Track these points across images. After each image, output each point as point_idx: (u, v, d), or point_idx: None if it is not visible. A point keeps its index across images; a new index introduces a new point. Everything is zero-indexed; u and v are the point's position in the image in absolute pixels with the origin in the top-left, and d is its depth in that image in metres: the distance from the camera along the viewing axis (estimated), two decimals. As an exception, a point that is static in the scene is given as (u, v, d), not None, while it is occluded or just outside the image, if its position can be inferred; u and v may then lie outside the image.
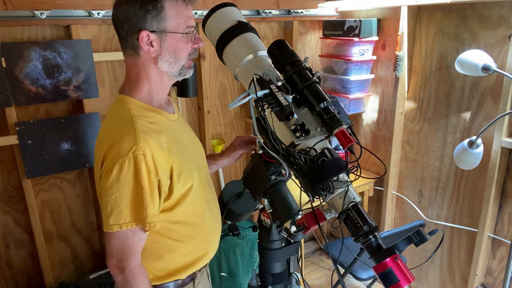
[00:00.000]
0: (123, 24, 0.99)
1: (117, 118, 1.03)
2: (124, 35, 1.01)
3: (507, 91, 1.73)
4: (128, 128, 0.97)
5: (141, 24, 0.98)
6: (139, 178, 0.95)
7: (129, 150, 0.94)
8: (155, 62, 1.03)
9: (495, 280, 2.02)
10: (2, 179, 1.81)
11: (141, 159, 0.94)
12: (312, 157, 0.93)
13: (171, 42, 1.01)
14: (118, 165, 0.94)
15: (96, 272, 1.98)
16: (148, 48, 1.00)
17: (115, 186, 0.95)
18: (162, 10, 0.98)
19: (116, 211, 0.96)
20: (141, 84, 1.05)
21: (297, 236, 1.04)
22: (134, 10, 0.97)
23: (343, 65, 2.37)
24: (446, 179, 2.14)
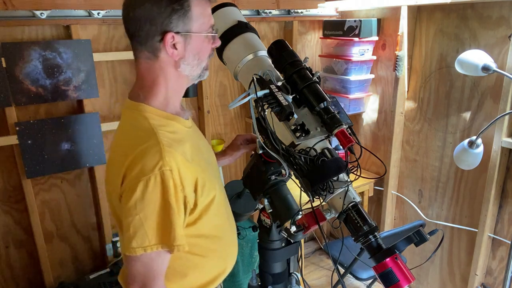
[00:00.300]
0: (143, 24, 0.89)
1: (136, 129, 0.94)
2: (143, 37, 0.91)
3: (507, 91, 1.73)
4: (150, 140, 0.89)
5: (166, 25, 0.89)
6: (166, 196, 0.87)
7: (154, 165, 0.86)
8: (176, 66, 0.95)
9: (495, 280, 2.02)
10: (2, 179, 1.81)
11: (168, 175, 0.87)
12: (312, 157, 0.93)
13: (196, 43, 0.94)
14: (143, 183, 0.85)
15: (96, 272, 1.98)
16: (172, 51, 0.91)
17: (139, 206, 0.86)
18: (189, 9, 0.90)
19: (140, 232, 0.87)
20: (158, 89, 0.96)
21: (297, 236, 1.04)
22: (159, 10, 0.87)
23: (343, 65, 2.37)
24: (446, 179, 2.14)
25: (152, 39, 0.91)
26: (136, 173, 0.86)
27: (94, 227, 2.10)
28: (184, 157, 0.91)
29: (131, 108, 0.97)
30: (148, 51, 0.93)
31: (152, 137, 0.89)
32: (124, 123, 0.99)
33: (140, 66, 0.97)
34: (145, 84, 0.97)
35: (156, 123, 0.93)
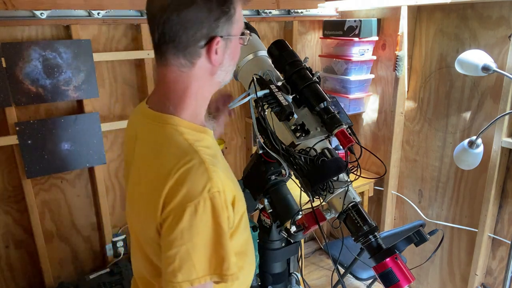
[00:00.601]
0: (188, 28, 0.79)
1: (170, 145, 0.83)
2: (185, 42, 0.80)
3: (507, 91, 1.73)
4: (193, 159, 0.79)
5: (213, 28, 0.80)
6: (218, 220, 0.78)
7: (203, 188, 0.76)
8: (212, 73, 0.86)
9: (495, 280, 2.02)
10: (2, 179, 1.81)
11: (217, 197, 0.78)
12: (312, 157, 0.93)
13: (233, 47, 0.87)
14: (191, 209, 0.75)
15: (96, 272, 1.98)
16: (214, 57, 0.83)
17: (187, 235, 0.76)
18: (234, 12, 0.83)
19: (188, 264, 0.77)
20: (189, 100, 0.86)
21: (297, 236, 1.04)
22: (208, 12, 0.79)
23: (343, 65, 2.37)
24: (446, 179, 2.14)
25: (195, 44, 0.81)
26: (181, 198, 0.76)
27: (94, 227, 2.10)
28: (225, 175, 0.83)
29: (159, 121, 0.86)
30: (185, 58, 0.82)
31: (193, 155, 0.80)
32: (151, 138, 0.87)
33: (169, 74, 0.85)
34: (173, 94, 0.86)
35: (191, 138, 0.83)
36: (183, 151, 0.81)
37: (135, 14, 1.88)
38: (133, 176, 0.91)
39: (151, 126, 0.87)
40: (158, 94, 0.89)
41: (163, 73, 0.86)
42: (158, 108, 0.87)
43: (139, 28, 1.92)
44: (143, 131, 0.90)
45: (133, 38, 1.97)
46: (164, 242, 0.79)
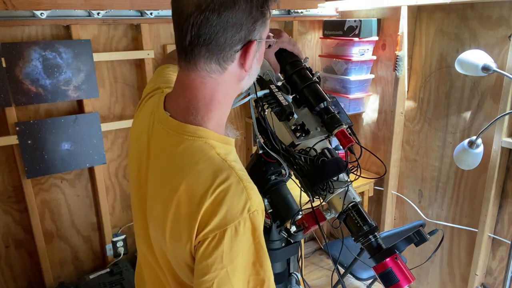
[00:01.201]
0: (228, 30, 0.72)
1: (204, 162, 0.76)
2: (222, 45, 0.73)
3: (507, 91, 1.73)
4: (230, 177, 0.74)
5: (251, 31, 0.74)
6: (258, 240, 0.74)
7: (243, 208, 0.72)
8: (240, 78, 0.80)
9: (495, 280, 2.02)
10: (2, 179, 1.81)
11: (257, 216, 0.74)
12: (312, 157, 0.93)
13: (261, 51, 0.81)
14: (231, 230, 0.71)
15: (96, 272, 1.98)
16: (247, 63, 0.76)
17: (227, 258, 0.71)
18: (270, 15, 0.78)
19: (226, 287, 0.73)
20: (215, 109, 0.79)
21: (297, 236, 1.04)
22: (249, 14, 0.73)
23: (343, 65, 2.37)
24: (446, 179, 2.14)
25: (231, 48, 0.74)
26: (220, 220, 0.71)
27: (94, 227, 2.10)
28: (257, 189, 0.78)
29: (186, 134, 0.78)
30: (217, 63, 0.75)
31: (229, 172, 0.74)
32: (177, 153, 0.79)
33: (198, 80, 0.77)
34: (200, 101, 0.78)
35: (223, 152, 0.77)
36: (218, 168, 0.75)
37: (135, 14, 1.88)
38: (152, 193, 0.84)
39: (175, 138, 0.79)
40: (182, 102, 0.80)
41: (190, 78, 0.77)
42: (182, 117, 0.79)
43: (139, 28, 1.92)
44: (162, 142, 0.82)
45: (133, 38, 1.97)
46: (200, 265, 0.73)
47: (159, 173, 0.83)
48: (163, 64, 1.14)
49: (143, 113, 0.93)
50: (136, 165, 0.91)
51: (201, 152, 0.76)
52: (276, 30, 1.02)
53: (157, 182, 0.83)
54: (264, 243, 0.75)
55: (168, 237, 0.79)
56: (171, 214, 0.77)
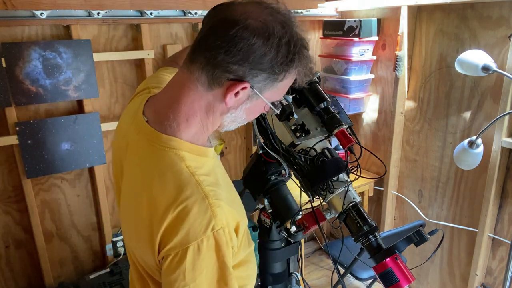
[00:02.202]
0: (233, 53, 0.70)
1: (169, 173, 0.75)
2: (218, 62, 0.71)
3: (507, 91, 1.73)
4: (194, 193, 0.73)
5: (251, 74, 0.72)
6: (222, 259, 0.73)
7: (206, 226, 0.71)
8: (222, 112, 0.78)
9: (495, 280, 2.02)
10: (2, 179, 1.80)
11: (222, 234, 0.72)
12: (312, 157, 0.93)
13: (255, 106, 0.79)
14: (193, 248, 0.70)
15: (96, 272, 1.98)
16: (230, 97, 0.74)
17: (189, 275, 0.71)
18: (281, 80, 0.76)
19: None
20: (193, 122, 0.78)
21: (297, 236, 1.04)
22: (261, 58, 0.70)
23: (343, 65, 2.37)
24: (446, 179, 2.14)
25: (224, 71, 0.72)
26: (182, 238, 0.70)
27: (94, 227, 2.10)
28: (227, 204, 0.76)
29: (158, 143, 0.78)
30: (207, 77, 0.74)
31: (195, 188, 0.73)
32: (146, 161, 0.78)
33: (187, 83, 0.76)
34: (181, 109, 0.77)
35: (193, 165, 0.76)
36: (184, 183, 0.74)
37: (135, 14, 1.88)
38: (125, 195, 0.85)
39: (147, 146, 0.79)
40: (164, 101, 0.80)
41: (182, 77, 0.77)
42: (157, 122, 0.79)
43: (139, 28, 1.92)
44: (136, 148, 0.82)
45: (133, 38, 1.97)
46: (165, 280, 0.74)
47: (130, 178, 0.83)
48: (163, 66, 1.14)
49: (127, 112, 0.94)
50: (118, 165, 0.91)
51: (170, 163, 0.76)
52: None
53: (128, 187, 0.84)
54: (229, 261, 0.74)
55: (134, 243, 0.81)
56: (136, 223, 0.78)
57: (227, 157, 2.47)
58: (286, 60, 0.73)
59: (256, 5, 0.73)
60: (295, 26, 0.76)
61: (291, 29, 0.74)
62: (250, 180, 1.20)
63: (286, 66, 0.74)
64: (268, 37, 0.70)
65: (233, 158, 2.51)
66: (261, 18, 0.71)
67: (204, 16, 0.78)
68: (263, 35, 0.70)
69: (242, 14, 0.70)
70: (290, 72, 0.76)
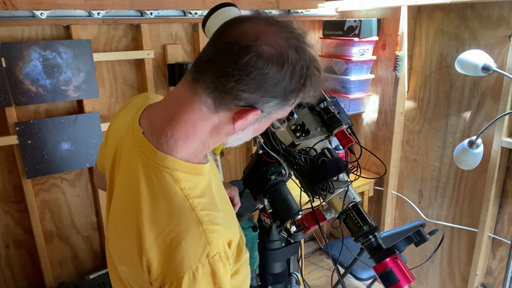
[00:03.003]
0: (245, 82, 0.66)
1: (162, 195, 0.73)
2: (228, 89, 0.68)
3: (507, 91, 1.73)
4: (187, 219, 0.70)
5: (263, 102, 0.70)
6: (218, 285, 0.71)
7: (201, 254, 0.69)
8: (228, 133, 0.76)
9: (495, 280, 2.02)
10: (2, 179, 1.80)
11: (218, 260, 0.70)
12: (312, 157, 0.93)
13: (262, 126, 0.78)
14: (188, 277, 0.68)
15: (96, 272, 1.98)
16: (238, 122, 0.72)
17: None
18: (292, 103, 0.75)
19: None
20: (193, 141, 0.75)
21: (297, 236, 1.04)
22: (274, 86, 0.68)
23: (343, 65, 2.37)
24: (446, 179, 2.14)
25: (234, 98, 0.69)
26: (176, 267, 0.68)
27: (94, 227, 2.10)
28: (223, 226, 0.74)
29: (151, 158, 0.74)
30: (213, 101, 0.70)
31: (188, 213, 0.71)
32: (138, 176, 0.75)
33: (188, 102, 0.72)
34: (180, 127, 0.73)
35: (187, 186, 0.73)
36: (177, 208, 0.71)
37: (135, 14, 1.88)
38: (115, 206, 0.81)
39: (140, 161, 0.75)
40: (161, 115, 0.76)
41: (184, 95, 0.73)
42: (154, 137, 0.75)
43: (139, 28, 1.92)
44: (130, 159, 0.78)
45: (133, 38, 1.97)
46: None
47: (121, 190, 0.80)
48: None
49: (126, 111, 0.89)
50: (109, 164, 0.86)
51: (163, 185, 0.73)
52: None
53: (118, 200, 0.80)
54: (226, 284, 0.72)
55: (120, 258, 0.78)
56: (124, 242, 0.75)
57: (227, 157, 2.47)
58: (298, 85, 0.70)
59: (268, 26, 0.69)
60: (309, 48, 0.72)
61: (304, 54, 0.70)
62: (250, 180, 1.20)
63: (298, 91, 0.72)
64: (283, 65, 0.67)
65: (233, 158, 2.51)
66: (274, 44, 0.67)
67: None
68: (277, 62, 0.66)
69: (255, 39, 0.66)
70: (299, 96, 0.74)
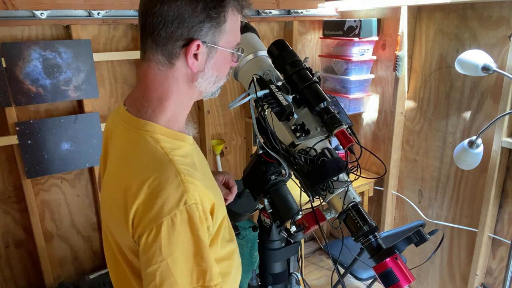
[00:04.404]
0: (169, 23, 0.76)
1: (144, 154, 0.79)
2: (164, 37, 0.77)
3: (507, 91, 1.73)
4: (167, 170, 0.76)
5: (196, 31, 0.77)
6: (197, 233, 0.75)
7: (178, 200, 0.73)
8: (191, 79, 0.83)
9: (495, 280, 2.02)
10: (2, 179, 1.81)
11: (194, 209, 0.75)
12: (312, 157, 0.93)
13: (219, 59, 0.83)
14: (167, 222, 0.72)
15: (96, 272, 1.98)
16: (192, 62, 0.79)
17: (166, 250, 0.73)
18: (224, 21, 0.80)
19: (169, 281, 0.73)
20: (167, 104, 0.83)
21: (297, 236, 1.04)
22: (192, 12, 0.76)
23: (343, 65, 2.37)
24: (446, 179, 2.14)
25: (173, 42, 0.78)
26: (156, 213, 0.72)
27: (94, 227, 2.10)
28: (203, 184, 0.79)
29: (134, 126, 0.83)
30: (163, 55, 0.80)
31: (168, 166, 0.77)
32: (125, 144, 0.84)
33: (149, 71, 0.82)
34: (152, 95, 0.83)
35: (168, 146, 0.80)
36: (158, 160, 0.77)
37: (135, 14, 1.88)
38: (106, 180, 0.88)
39: (125, 131, 0.84)
40: (137, 93, 0.86)
41: (144, 70, 0.83)
42: (135, 110, 0.84)
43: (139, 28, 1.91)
44: (117, 135, 0.87)
45: (133, 38, 1.97)
46: (142, 258, 0.75)
47: (111, 161, 0.88)
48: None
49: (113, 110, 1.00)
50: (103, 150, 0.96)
51: (145, 145, 0.80)
52: None
53: (109, 170, 0.88)
54: (204, 237, 0.76)
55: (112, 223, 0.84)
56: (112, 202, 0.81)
57: (227, 157, 2.47)
58: (215, 0, 0.77)
59: None
60: None
61: None
62: (250, 180, 1.20)
63: (219, 6, 0.78)
64: None
65: (233, 158, 2.51)
66: None
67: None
68: None
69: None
70: (227, 10, 0.79)
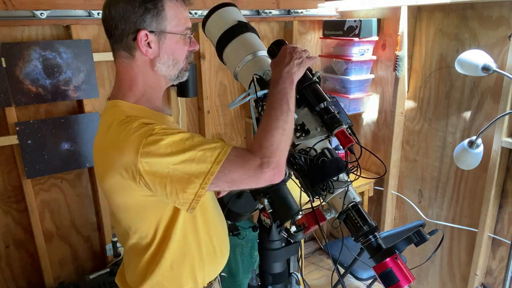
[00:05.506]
0: (118, 23, 0.92)
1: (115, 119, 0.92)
2: (118, 35, 0.93)
3: (507, 91, 1.73)
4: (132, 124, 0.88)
5: (140, 23, 0.91)
6: (179, 132, 0.88)
7: (151, 127, 0.86)
8: (152, 65, 0.96)
9: (495, 280, 2.02)
10: (2, 179, 1.81)
11: (167, 128, 0.88)
12: (312, 157, 0.93)
13: (170, 43, 0.96)
14: (154, 138, 0.84)
15: (96, 272, 1.98)
16: (146, 49, 0.93)
17: (174, 149, 0.84)
18: (163, 9, 0.92)
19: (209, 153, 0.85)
20: (135, 87, 0.97)
21: (297, 236, 1.04)
22: (133, 9, 0.90)
23: (343, 65, 2.37)
24: (446, 179, 2.14)
25: (126, 37, 0.93)
26: (139, 137, 0.85)
27: (94, 227, 2.10)
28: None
29: (110, 107, 0.97)
30: (124, 50, 0.95)
31: (133, 121, 0.89)
32: (101, 125, 0.98)
33: (119, 66, 0.98)
34: (123, 83, 0.98)
35: (134, 113, 0.93)
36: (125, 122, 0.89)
37: (135, 14, 1.88)
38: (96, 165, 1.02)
39: (104, 112, 1.00)
40: (114, 87, 1.01)
41: (116, 67, 0.99)
42: (111, 98, 0.99)
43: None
44: (101, 119, 1.02)
45: (133, 38, 1.96)
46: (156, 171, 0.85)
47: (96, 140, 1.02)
48: None
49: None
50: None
51: (113, 115, 0.94)
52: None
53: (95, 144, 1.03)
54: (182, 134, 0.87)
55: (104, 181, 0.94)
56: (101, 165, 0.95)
57: (227, 157, 2.46)
58: None
59: None
60: None
61: None
62: (250, 180, 1.19)
63: None
64: None
65: (233, 158, 2.50)
66: None
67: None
68: None
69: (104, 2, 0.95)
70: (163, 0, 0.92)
